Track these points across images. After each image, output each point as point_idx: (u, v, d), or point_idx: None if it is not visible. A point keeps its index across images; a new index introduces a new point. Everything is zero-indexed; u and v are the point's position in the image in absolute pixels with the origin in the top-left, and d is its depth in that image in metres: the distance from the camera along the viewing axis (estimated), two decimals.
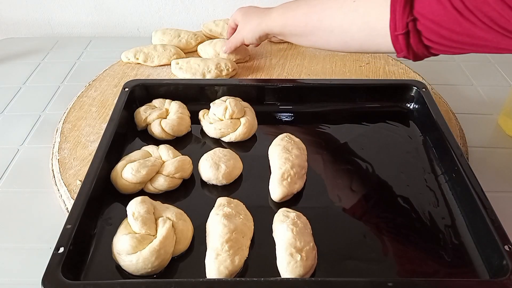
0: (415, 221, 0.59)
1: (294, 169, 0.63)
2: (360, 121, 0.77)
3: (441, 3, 0.50)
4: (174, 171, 0.63)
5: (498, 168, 0.72)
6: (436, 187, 0.64)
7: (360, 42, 0.64)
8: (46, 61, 1.03)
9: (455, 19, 0.49)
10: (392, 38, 0.57)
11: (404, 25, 0.54)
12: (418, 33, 0.54)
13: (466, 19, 0.48)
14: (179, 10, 1.19)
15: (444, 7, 0.50)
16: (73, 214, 0.54)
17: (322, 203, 0.62)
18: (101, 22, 1.19)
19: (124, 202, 0.58)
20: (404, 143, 0.73)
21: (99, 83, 0.90)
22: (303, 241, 0.53)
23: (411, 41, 0.55)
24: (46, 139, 0.77)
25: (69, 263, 0.49)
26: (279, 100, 0.80)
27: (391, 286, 0.47)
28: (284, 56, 0.99)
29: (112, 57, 0.99)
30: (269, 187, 0.62)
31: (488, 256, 0.53)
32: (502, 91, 0.91)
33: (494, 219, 0.54)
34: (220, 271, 0.50)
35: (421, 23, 0.53)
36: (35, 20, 1.18)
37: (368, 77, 0.92)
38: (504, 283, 0.48)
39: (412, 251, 0.56)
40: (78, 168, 0.69)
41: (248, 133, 0.72)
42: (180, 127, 0.73)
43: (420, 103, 0.77)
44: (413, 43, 0.55)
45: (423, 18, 0.52)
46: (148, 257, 0.51)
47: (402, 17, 0.54)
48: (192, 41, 1.01)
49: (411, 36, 0.55)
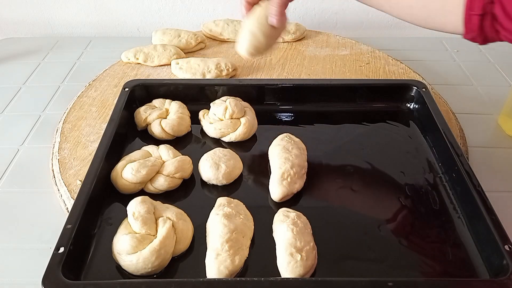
0: (415, 220, 0.59)
1: (294, 169, 0.63)
2: (360, 121, 0.78)
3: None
4: (174, 171, 0.63)
5: (498, 168, 0.72)
6: (436, 187, 0.64)
7: (427, 13, 0.60)
8: (46, 61, 1.03)
9: None
10: (466, 17, 0.56)
11: (481, 6, 0.53)
12: (493, 17, 0.53)
13: None
14: (179, 10, 1.19)
15: None
16: (73, 214, 0.54)
17: (322, 203, 0.62)
18: (101, 22, 1.19)
19: (124, 202, 0.58)
20: (404, 143, 0.73)
21: (99, 83, 0.90)
22: (303, 241, 0.53)
23: (484, 23, 0.54)
24: (46, 139, 0.77)
25: (69, 263, 0.49)
26: (279, 100, 0.80)
27: (391, 286, 0.47)
28: (284, 56, 0.99)
29: (112, 57, 0.99)
30: (269, 187, 0.62)
31: (488, 255, 0.53)
32: (502, 91, 0.91)
33: (494, 219, 0.54)
34: (220, 271, 0.50)
35: (497, 7, 0.52)
36: (35, 20, 1.18)
37: (368, 77, 0.92)
38: (504, 283, 0.48)
39: (412, 251, 0.56)
40: (78, 168, 0.69)
41: (248, 133, 0.72)
42: (180, 127, 0.73)
43: (420, 103, 0.77)
44: (485, 25, 0.54)
45: (501, 3, 0.52)
46: (148, 257, 0.51)
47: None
48: (192, 41, 1.01)
49: (486, 19, 0.54)
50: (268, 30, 0.61)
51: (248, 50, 0.62)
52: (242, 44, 0.62)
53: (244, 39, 0.62)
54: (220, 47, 1.04)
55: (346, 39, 1.07)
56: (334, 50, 1.02)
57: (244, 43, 0.62)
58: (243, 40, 0.62)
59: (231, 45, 1.04)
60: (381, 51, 1.01)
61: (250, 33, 0.61)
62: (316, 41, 1.06)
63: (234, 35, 1.04)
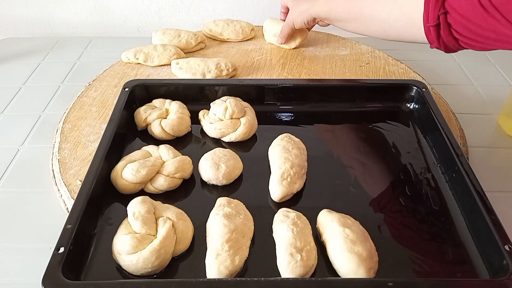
0: (415, 220, 0.59)
1: (294, 168, 0.63)
2: (360, 121, 0.78)
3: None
4: (174, 171, 0.63)
5: (498, 168, 0.72)
6: (436, 187, 0.64)
7: (397, 32, 0.67)
8: (46, 61, 1.03)
9: (481, 15, 0.51)
10: (425, 30, 0.60)
11: (436, 17, 0.57)
12: (448, 26, 0.56)
13: (491, 15, 0.50)
14: (179, 10, 1.19)
15: (472, 2, 0.52)
16: (73, 214, 0.54)
17: (322, 203, 0.62)
18: (101, 22, 1.19)
19: (124, 202, 0.58)
20: (404, 143, 0.73)
21: (99, 83, 0.90)
22: (303, 241, 0.53)
23: (441, 33, 0.58)
24: (46, 139, 0.77)
25: (69, 263, 0.49)
26: (279, 100, 0.80)
27: (391, 286, 0.47)
28: (284, 56, 0.99)
29: (112, 57, 0.99)
30: (269, 187, 0.62)
31: (488, 256, 0.53)
32: (502, 91, 0.91)
33: (494, 219, 0.54)
34: (220, 271, 0.50)
35: (451, 16, 0.55)
36: (35, 20, 1.19)
37: (368, 77, 0.92)
38: (504, 283, 0.48)
39: (412, 251, 0.56)
40: (78, 168, 0.69)
41: (248, 133, 0.72)
42: (180, 127, 0.73)
43: (420, 103, 0.77)
44: (443, 35, 0.58)
45: (453, 12, 0.55)
46: (148, 257, 0.51)
47: (435, 9, 0.56)
48: (192, 41, 1.01)
49: (441, 28, 0.57)
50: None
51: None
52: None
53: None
54: (220, 47, 1.04)
55: (346, 39, 1.07)
56: (334, 50, 1.02)
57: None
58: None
59: (231, 45, 1.04)
60: (381, 51, 1.01)
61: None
62: (316, 41, 1.06)
63: (234, 35, 1.04)
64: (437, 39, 0.59)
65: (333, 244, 0.53)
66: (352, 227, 0.54)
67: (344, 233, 0.53)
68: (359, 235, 0.53)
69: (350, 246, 0.51)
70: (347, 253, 0.51)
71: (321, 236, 0.55)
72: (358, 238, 0.52)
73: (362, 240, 0.52)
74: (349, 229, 0.53)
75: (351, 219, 0.56)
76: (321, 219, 0.57)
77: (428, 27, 0.59)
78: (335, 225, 0.54)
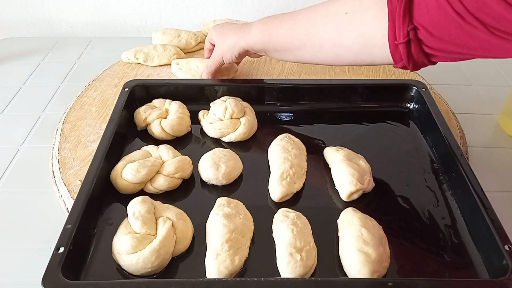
0: (415, 221, 0.59)
1: (293, 168, 0.63)
2: (360, 121, 0.78)
3: (442, 8, 0.49)
4: (174, 171, 0.63)
5: (498, 168, 0.72)
6: (436, 187, 0.64)
7: (354, 55, 0.62)
8: (46, 61, 1.03)
9: (456, 23, 0.48)
10: (391, 48, 0.56)
11: (405, 33, 0.53)
12: (419, 42, 0.53)
13: (467, 22, 0.47)
14: (179, 10, 1.19)
15: (445, 11, 0.48)
16: (73, 214, 0.54)
17: (322, 203, 0.62)
18: (101, 22, 1.19)
19: (124, 202, 0.58)
20: (404, 143, 0.73)
21: (99, 83, 0.90)
22: (303, 241, 0.53)
23: (412, 50, 0.54)
24: (46, 139, 0.77)
25: (69, 263, 0.49)
26: (279, 100, 0.80)
27: (391, 286, 0.47)
28: None
29: (112, 57, 0.99)
30: (269, 187, 0.62)
31: (488, 255, 0.53)
32: (502, 91, 0.91)
33: (494, 219, 0.54)
34: (220, 271, 0.50)
35: (421, 31, 0.52)
36: (35, 20, 1.18)
37: (368, 77, 0.92)
38: (504, 283, 0.48)
39: (412, 251, 0.56)
40: (78, 168, 0.69)
41: (248, 133, 0.72)
42: (180, 127, 0.73)
43: (420, 103, 0.77)
44: (414, 52, 0.54)
45: (423, 27, 0.51)
46: (148, 257, 0.51)
47: (403, 26, 0.53)
48: (192, 41, 1.01)
49: (412, 45, 0.53)
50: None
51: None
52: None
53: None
54: None
55: None
56: None
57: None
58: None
59: None
60: None
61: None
62: None
63: None
64: (407, 57, 0.55)
65: (344, 240, 0.53)
66: (371, 229, 0.54)
67: (359, 232, 0.53)
68: (374, 237, 0.53)
69: (360, 245, 0.51)
70: (355, 251, 0.51)
71: (338, 232, 0.56)
72: (371, 240, 0.52)
73: (375, 243, 0.52)
74: (366, 229, 0.53)
75: (374, 222, 0.56)
76: (344, 216, 0.57)
77: (395, 45, 0.55)
78: (355, 223, 0.54)
